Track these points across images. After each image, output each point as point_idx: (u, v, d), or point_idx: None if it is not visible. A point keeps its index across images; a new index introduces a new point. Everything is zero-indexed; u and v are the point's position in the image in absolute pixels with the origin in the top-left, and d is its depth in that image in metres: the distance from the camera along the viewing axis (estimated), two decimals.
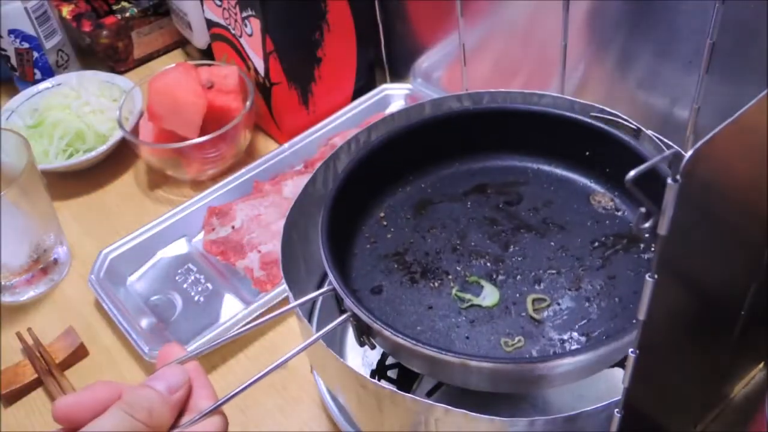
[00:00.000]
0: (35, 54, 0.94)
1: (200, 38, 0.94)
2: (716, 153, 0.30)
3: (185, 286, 0.72)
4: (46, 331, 0.70)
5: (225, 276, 0.73)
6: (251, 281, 0.71)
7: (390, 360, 0.59)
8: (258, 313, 0.67)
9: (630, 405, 0.39)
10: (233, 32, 0.83)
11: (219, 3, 0.82)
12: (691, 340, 0.41)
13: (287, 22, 0.79)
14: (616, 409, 0.39)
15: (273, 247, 0.72)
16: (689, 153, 0.28)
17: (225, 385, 0.65)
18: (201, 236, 0.76)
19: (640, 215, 0.32)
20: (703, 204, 0.32)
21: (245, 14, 0.79)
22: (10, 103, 0.90)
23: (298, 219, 0.56)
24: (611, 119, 0.55)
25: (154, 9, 1.00)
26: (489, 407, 0.45)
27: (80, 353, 0.69)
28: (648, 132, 0.53)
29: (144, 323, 0.68)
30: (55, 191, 0.84)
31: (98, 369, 0.68)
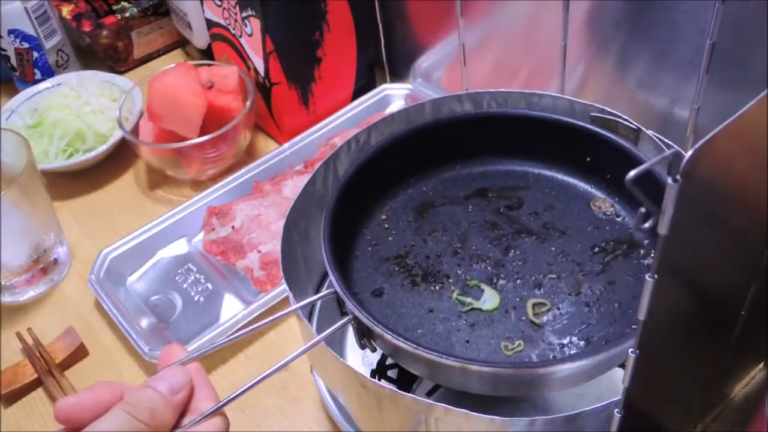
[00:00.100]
0: (35, 54, 0.94)
1: (200, 38, 0.94)
2: (716, 153, 0.30)
3: (185, 286, 0.72)
4: (46, 331, 0.70)
5: (225, 276, 0.73)
6: (251, 281, 0.71)
7: (390, 360, 0.59)
8: (258, 313, 0.67)
9: (630, 405, 0.39)
10: (233, 32, 0.83)
11: (219, 3, 0.82)
12: (692, 340, 0.41)
13: (287, 22, 0.79)
14: (616, 409, 0.39)
15: (273, 247, 0.72)
16: (689, 153, 0.28)
17: (226, 386, 0.65)
18: (201, 236, 0.76)
19: (640, 215, 0.32)
20: (703, 204, 0.32)
21: (245, 14, 0.79)
22: (10, 103, 0.90)
23: (298, 219, 0.56)
24: (611, 119, 0.55)
25: (154, 9, 1.00)
26: (489, 407, 0.45)
27: (80, 353, 0.69)
28: (648, 132, 0.53)
29: (144, 323, 0.68)
30: (55, 191, 0.84)
31: (98, 369, 0.68)
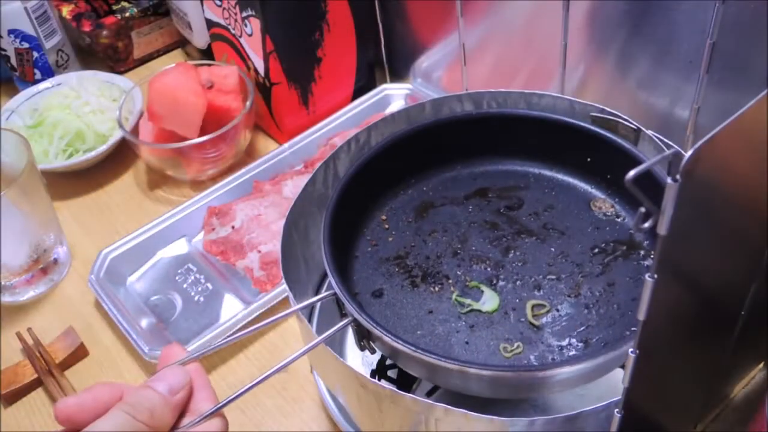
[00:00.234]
0: (35, 54, 0.94)
1: (200, 38, 0.94)
2: (716, 153, 0.30)
3: (185, 286, 0.72)
4: (46, 331, 0.70)
5: (225, 276, 0.73)
6: (251, 281, 0.71)
7: (390, 360, 0.59)
8: (258, 313, 0.67)
9: (630, 405, 0.39)
10: (233, 32, 0.83)
11: (219, 3, 0.82)
12: (691, 340, 0.41)
13: (287, 22, 0.79)
14: (616, 409, 0.39)
15: (273, 247, 0.72)
16: (689, 153, 0.28)
17: (225, 386, 0.65)
18: (201, 236, 0.76)
19: (640, 215, 0.32)
20: (703, 204, 0.32)
21: (245, 14, 0.79)
22: (10, 103, 0.90)
23: (298, 219, 0.56)
24: (611, 119, 0.55)
25: (154, 9, 1.00)
26: (489, 407, 0.45)
27: (80, 353, 0.69)
28: (648, 132, 0.53)
29: (144, 323, 0.68)
30: (55, 191, 0.84)
31: (98, 369, 0.68)
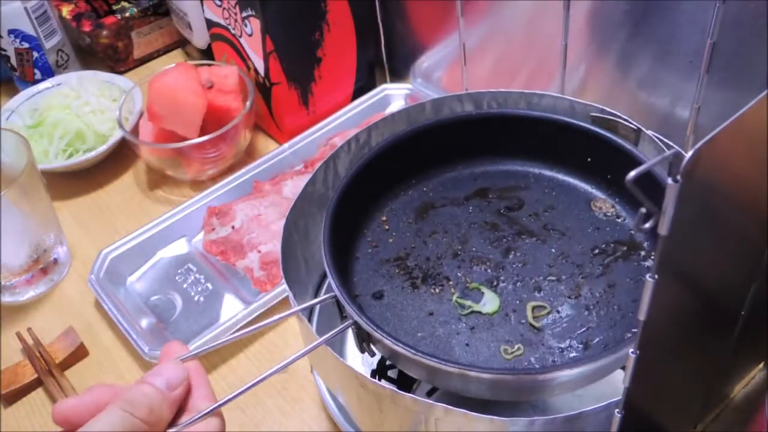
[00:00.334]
0: (35, 54, 0.94)
1: (200, 38, 0.94)
2: (717, 153, 0.30)
3: (185, 286, 0.72)
4: (46, 331, 0.70)
5: (225, 276, 0.73)
6: (251, 281, 0.71)
7: (390, 362, 0.59)
8: (258, 313, 0.67)
9: (630, 405, 0.39)
10: (233, 32, 0.83)
11: (219, 3, 0.82)
12: (691, 340, 0.41)
13: (287, 22, 0.79)
14: (617, 409, 0.39)
15: (273, 247, 0.72)
16: (690, 153, 0.28)
17: (225, 385, 0.65)
18: (201, 236, 0.76)
19: (641, 216, 0.32)
20: (704, 204, 0.32)
21: (245, 14, 0.79)
22: (10, 103, 0.89)
23: (298, 219, 0.56)
24: (611, 120, 0.55)
25: (154, 9, 1.00)
26: (489, 407, 0.45)
27: (80, 353, 0.69)
28: (648, 132, 0.53)
29: (144, 323, 0.68)
30: (55, 191, 0.84)
31: (98, 369, 0.68)
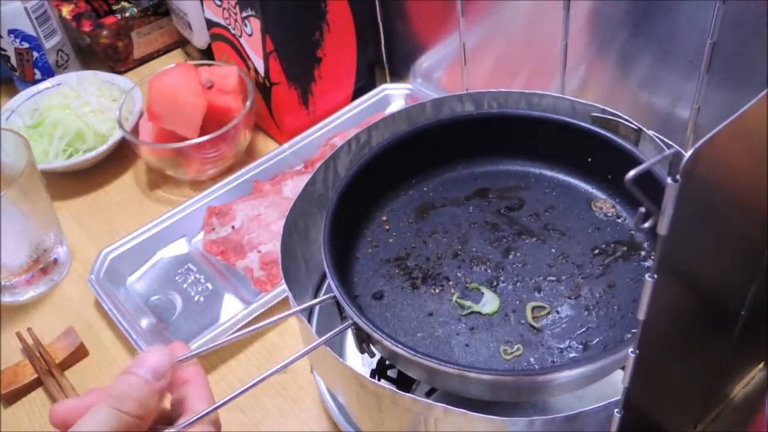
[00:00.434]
0: (35, 54, 0.94)
1: (200, 38, 0.94)
2: (716, 152, 0.30)
3: (185, 286, 0.72)
4: (46, 331, 0.70)
5: (225, 276, 0.73)
6: (251, 281, 0.71)
7: (390, 362, 0.59)
8: (258, 313, 0.67)
9: (630, 405, 0.39)
10: (233, 32, 0.83)
11: (219, 3, 0.82)
12: (691, 340, 0.41)
13: (287, 22, 0.79)
14: (616, 409, 0.39)
15: (273, 247, 0.72)
16: (689, 153, 0.28)
17: (225, 386, 0.65)
18: (201, 236, 0.76)
19: (640, 215, 0.32)
20: (703, 204, 0.32)
21: (245, 14, 0.79)
22: (10, 103, 0.89)
23: (298, 219, 0.56)
24: (612, 120, 0.55)
25: (154, 9, 1.00)
26: (488, 407, 0.45)
27: (80, 353, 0.69)
28: (649, 132, 0.53)
29: (144, 323, 0.68)
30: (55, 191, 0.84)
31: (98, 369, 0.68)
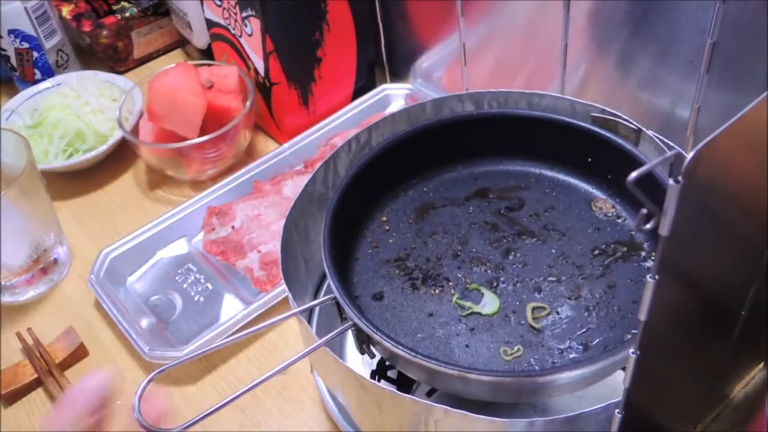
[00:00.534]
0: (35, 54, 0.94)
1: (200, 38, 0.94)
2: (717, 154, 0.30)
3: (185, 286, 0.72)
4: (46, 331, 0.70)
5: (225, 276, 0.73)
6: (251, 281, 0.71)
7: (390, 363, 0.59)
8: (258, 313, 0.67)
9: (630, 405, 0.39)
10: (233, 32, 0.83)
11: (219, 3, 0.82)
12: (692, 341, 0.41)
13: (287, 22, 0.78)
14: (617, 410, 0.39)
15: (273, 247, 0.72)
16: (691, 154, 0.28)
17: (225, 385, 0.65)
18: (201, 236, 0.76)
19: (642, 216, 0.32)
20: (704, 205, 0.32)
21: (245, 14, 0.79)
22: (10, 103, 0.89)
23: (298, 219, 0.56)
24: (612, 120, 0.55)
25: (154, 9, 1.00)
26: (488, 408, 0.45)
27: (80, 353, 0.69)
28: (649, 132, 0.53)
29: (144, 323, 0.68)
30: (55, 191, 0.84)
31: (98, 369, 0.68)
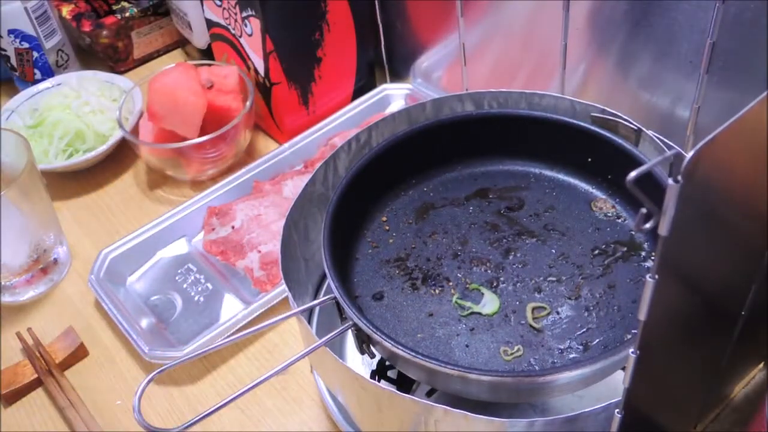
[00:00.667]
0: (35, 54, 0.94)
1: (200, 38, 0.94)
2: (717, 154, 0.30)
3: (185, 286, 0.72)
4: (46, 331, 0.70)
5: (225, 276, 0.73)
6: (251, 281, 0.71)
7: (390, 363, 0.59)
8: (258, 313, 0.67)
9: (630, 405, 0.39)
10: (233, 32, 0.83)
11: (219, 3, 0.82)
12: (692, 341, 0.41)
13: (287, 22, 0.78)
14: (617, 410, 0.39)
15: (273, 247, 0.72)
16: (690, 154, 0.28)
17: (225, 385, 0.65)
18: (201, 236, 0.76)
19: (641, 216, 0.32)
20: (704, 204, 0.32)
21: (245, 14, 0.79)
22: (10, 103, 0.89)
23: (298, 219, 0.56)
24: (612, 120, 0.55)
25: (154, 9, 1.00)
26: (488, 408, 0.45)
27: (80, 353, 0.69)
28: (649, 132, 0.53)
29: (144, 323, 0.68)
30: (55, 191, 0.84)
31: (98, 369, 0.68)
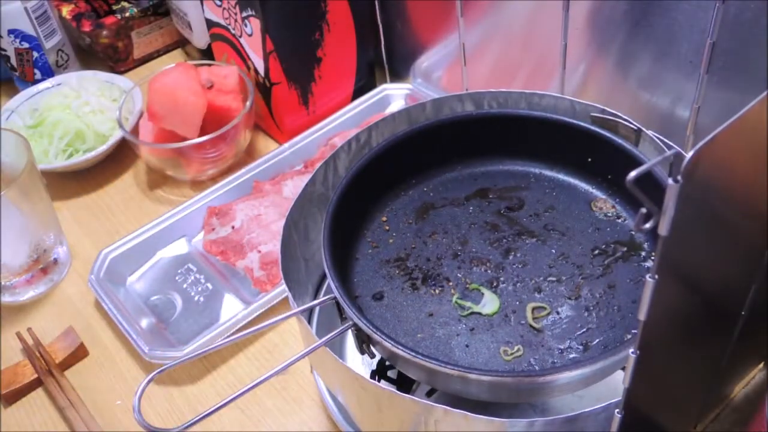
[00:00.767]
0: (35, 54, 0.94)
1: (200, 38, 0.94)
2: (717, 154, 0.30)
3: (185, 286, 0.72)
4: (46, 331, 0.70)
5: (225, 276, 0.73)
6: (251, 281, 0.71)
7: (390, 363, 0.59)
8: (258, 313, 0.67)
9: (630, 405, 0.39)
10: (233, 32, 0.83)
11: (219, 3, 0.82)
12: (691, 341, 0.41)
13: (287, 22, 0.78)
14: (617, 410, 0.39)
15: (273, 247, 0.72)
16: (690, 154, 0.28)
17: (225, 385, 0.65)
18: (201, 236, 0.76)
19: (641, 216, 0.32)
20: (704, 204, 0.32)
21: (245, 14, 0.79)
22: (10, 103, 0.89)
23: (298, 219, 0.56)
24: (612, 120, 0.55)
25: (154, 9, 1.00)
26: (488, 408, 0.45)
27: (80, 353, 0.69)
28: (649, 132, 0.53)
29: (144, 323, 0.68)
30: (55, 191, 0.84)
31: (98, 369, 0.68)
